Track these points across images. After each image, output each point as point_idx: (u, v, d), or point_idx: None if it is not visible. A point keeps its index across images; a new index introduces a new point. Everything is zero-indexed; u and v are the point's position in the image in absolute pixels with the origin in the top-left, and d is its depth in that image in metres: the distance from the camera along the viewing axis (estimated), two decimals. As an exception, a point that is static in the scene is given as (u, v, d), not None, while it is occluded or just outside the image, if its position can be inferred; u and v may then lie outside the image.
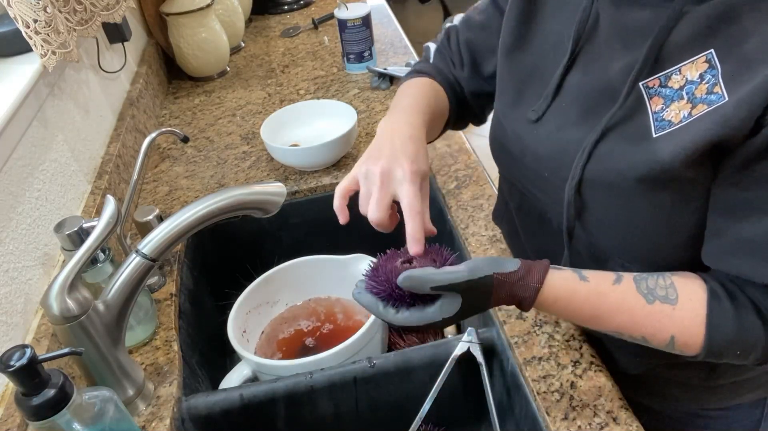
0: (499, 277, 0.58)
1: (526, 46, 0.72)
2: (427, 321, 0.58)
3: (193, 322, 0.97)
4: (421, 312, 0.58)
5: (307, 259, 1.05)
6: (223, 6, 1.63)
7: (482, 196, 1.03)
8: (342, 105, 1.22)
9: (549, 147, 0.67)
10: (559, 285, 0.60)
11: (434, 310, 0.58)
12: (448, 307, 0.58)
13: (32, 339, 0.78)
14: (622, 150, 0.59)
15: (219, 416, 0.80)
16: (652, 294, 0.59)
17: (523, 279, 0.58)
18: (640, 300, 0.59)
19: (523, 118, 0.71)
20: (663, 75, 0.57)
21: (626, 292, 0.59)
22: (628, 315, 0.59)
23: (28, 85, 0.87)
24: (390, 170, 0.65)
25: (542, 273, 0.59)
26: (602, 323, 0.61)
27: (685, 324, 0.58)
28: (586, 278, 0.60)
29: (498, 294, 0.58)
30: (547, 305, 0.60)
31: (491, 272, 0.58)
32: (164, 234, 0.70)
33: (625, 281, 0.60)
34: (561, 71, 0.66)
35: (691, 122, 0.54)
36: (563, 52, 0.66)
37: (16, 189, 0.83)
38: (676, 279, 0.60)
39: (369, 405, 0.85)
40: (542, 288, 0.59)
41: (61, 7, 0.95)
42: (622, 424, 0.68)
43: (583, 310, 0.60)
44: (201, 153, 1.27)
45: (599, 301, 0.60)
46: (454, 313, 0.58)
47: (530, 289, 0.58)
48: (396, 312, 0.59)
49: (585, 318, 0.61)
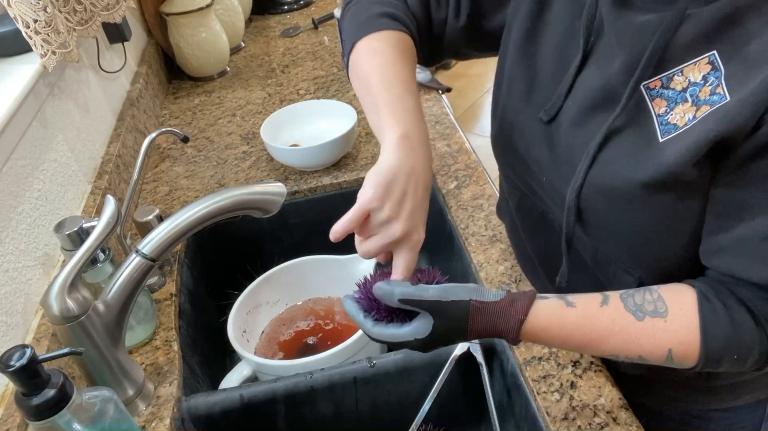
0: (477, 305, 0.57)
1: (538, 39, 0.70)
2: (399, 339, 0.58)
3: (193, 322, 0.97)
4: (395, 330, 0.58)
5: (307, 259, 1.05)
6: (223, 6, 1.63)
7: (482, 196, 1.03)
8: (342, 105, 1.22)
9: (556, 149, 0.67)
10: (544, 315, 0.58)
11: (408, 330, 0.58)
12: (421, 328, 0.57)
13: (32, 339, 0.78)
14: (627, 155, 0.58)
15: (219, 416, 0.80)
16: (640, 310, 0.58)
17: (505, 310, 0.57)
18: (630, 319, 0.57)
19: (532, 116, 0.69)
20: (665, 76, 0.56)
21: (615, 313, 0.58)
22: (621, 336, 0.58)
23: (28, 85, 0.87)
24: (409, 234, 0.60)
25: (527, 305, 0.57)
26: (596, 347, 0.59)
27: (680, 335, 0.57)
28: (573, 303, 0.59)
29: (476, 324, 0.57)
30: (536, 336, 0.59)
31: (467, 298, 0.57)
32: (164, 235, 0.70)
33: (612, 301, 0.59)
34: (574, 70, 0.64)
35: (695, 124, 0.54)
36: (575, 47, 0.64)
37: (16, 189, 0.83)
38: (663, 292, 0.59)
39: (369, 405, 0.85)
40: (527, 319, 0.57)
41: (61, 7, 0.95)
42: (622, 424, 0.68)
43: (574, 337, 0.59)
44: (201, 153, 1.27)
45: (590, 325, 0.58)
46: (426, 335, 0.57)
47: (512, 321, 0.57)
48: (373, 325, 0.60)
49: (578, 345, 0.60)
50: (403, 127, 0.61)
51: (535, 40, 0.70)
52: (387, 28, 0.70)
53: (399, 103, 0.63)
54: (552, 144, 0.67)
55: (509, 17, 0.73)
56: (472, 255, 0.93)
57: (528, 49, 0.71)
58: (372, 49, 0.69)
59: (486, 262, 0.91)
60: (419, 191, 0.60)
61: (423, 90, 1.38)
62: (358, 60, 0.71)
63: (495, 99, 0.77)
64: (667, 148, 0.55)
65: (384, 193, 0.59)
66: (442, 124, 1.25)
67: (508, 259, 0.91)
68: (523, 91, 0.71)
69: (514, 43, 0.72)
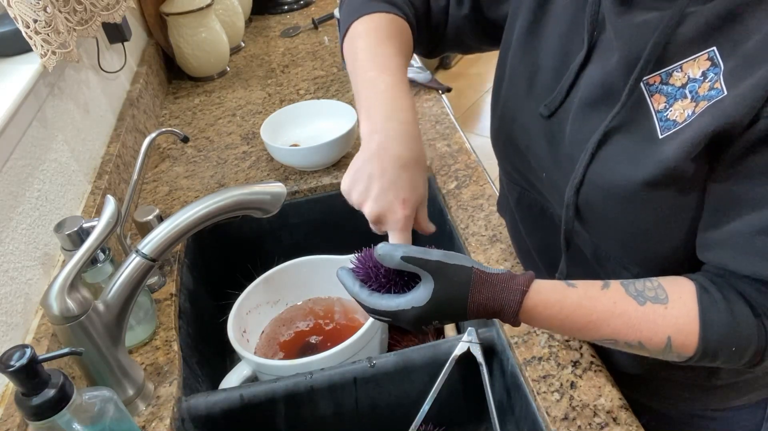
0: (479, 273, 0.56)
1: (540, 32, 0.69)
2: (396, 308, 0.57)
3: (193, 322, 0.97)
4: (391, 299, 0.57)
5: (307, 259, 1.05)
6: (223, 6, 1.63)
7: (482, 196, 1.03)
8: (342, 105, 1.22)
9: (555, 144, 0.67)
10: (545, 291, 0.58)
11: (406, 298, 0.57)
12: (420, 296, 0.56)
13: (32, 339, 0.78)
14: (627, 152, 0.58)
15: (219, 416, 0.80)
16: (642, 295, 0.58)
17: (507, 282, 0.57)
18: (632, 302, 0.58)
19: (533, 111, 0.69)
20: (664, 72, 0.57)
21: (616, 295, 0.58)
22: (622, 319, 0.57)
23: (28, 85, 0.87)
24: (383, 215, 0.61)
25: (528, 279, 0.57)
26: (596, 329, 0.59)
27: (679, 322, 0.57)
28: (574, 285, 0.59)
29: (476, 295, 0.56)
30: (537, 313, 0.58)
31: (470, 265, 0.56)
32: (164, 235, 0.70)
33: (613, 285, 0.59)
34: (577, 65, 0.64)
35: (693, 119, 0.54)
36: (579, 42, 0.64)
37: (16, 189, 0.83)
38: (663, 281, 0.59)
39: (369, 405, 0.85)
40: (528, 292, 0.57)
41: (61, 7, 0.95)
42: (622, 424, 0.68)
43: (574, 318, 0.58)
44: (201, 153, 1.27)
45: (591, 305, 0.58)
46: (424, 302, 0.55)
47: (514, 292, 0.56)
48: (369, 294, 0.58)
49: (578, 325, 0.59)
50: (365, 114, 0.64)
51: (537, 33, 0.70)
52: (377, 11, 0.72)
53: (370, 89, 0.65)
54: (551, 139, 0.67)
55: (512, 8, 0.73)
56: (472, 255, 0.93)
57: (530, 41, 0.70)
58: (357, 32, 0.71)
59: (486, 262, 0.91)
60: (389, 170, 0.61)
61: (423, 90, 1.38)
62: (346, 43, 0.73)
63: (495, 93, 0.77)
64: (667, 145, 0.55)
65: (351, 182, 0.63)
66: (442, 124, 1.25)
67: (508, 259, 0.91)
68: (524, 84, 0.71)
69: (516, 36, 0.72)
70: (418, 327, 0.58)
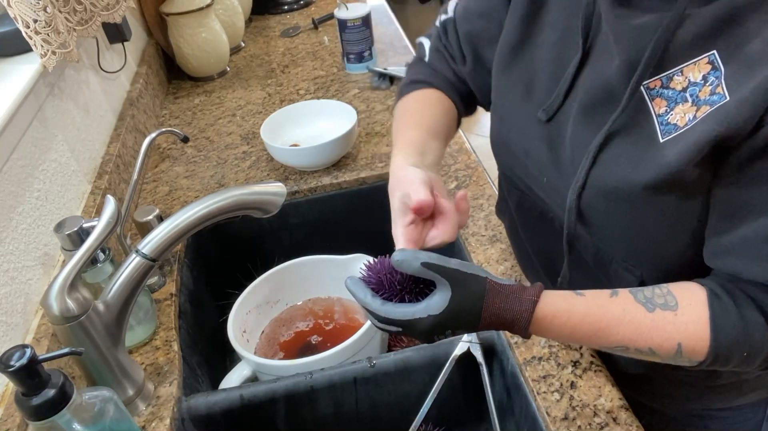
0: (494, 284, 0.56)
1: (534, 39, 0.70)
2: (411, 316, 0.56)
3: (193, 322, 0.97)
4: (407, 308, 0.56)
5: (307, 259, 1.05)
6: (223, 6, 1.63)
7: (482, 196, 1.03)
8: (342, 105, 1.22)
9: (555, 148, 0.67)
10: (554, 301, 0.58)
11: (421, 307, 0.56)
12: (436, 303, 0.55)
13: (32, 339, 0.78)
14: (628, 155, 0.58)
15: (219, 416, 0.80)
16: (650, 302, 0.58)
17: (518, 293, 0.57)
18: (641, 310, 0.57)
19: (530, 116, 0.69)
20: (665, 76, 0.56)
21: (625, 302, 0.58)
22: (632, 326, 0.57)
23: (28, 85, 0.87)
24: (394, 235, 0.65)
25: (538, 290, 0.58)
26: (606, 337, 0.59)
27: (689, 329, 0.57)
28: (582, 293, 0.59)
29: (491, 306, 0.56)
30: (546, 322, 0.58)
31: (485, 275, 0.57)
32: (164, 235, 0.70)
33: (622, 293, 0.59)
34: (574, 69, 0.64)
35: (695, 124, 0.54)
36: (574, 46, 0.64)
37: (16, 189, 0.83)
38: (672, 287, 0.59)
39: (369, 405, 0.85)
40: (539, 302, 0.57)
41: (61, 7, 0.95)
42: (622, 424, 0.68)
43: (584, 326, 0.58)
44: (201, 153, 1.27)
45: (600, 313, 0.58)
46: (440, 310, 0.55)
47: (526, 302, 0.56)
48: (382, 303, 0.57)
49: (588, 333, 0.59)
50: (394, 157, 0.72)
51: (531, 41, 0.70)
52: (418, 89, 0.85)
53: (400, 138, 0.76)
54: (551, 143, 0.67)
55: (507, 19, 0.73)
56: (472, 256, 0.93)
57: (525, 50, 0.71)
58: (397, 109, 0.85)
59: (486, 262, 0.91)
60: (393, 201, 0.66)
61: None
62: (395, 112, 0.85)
63: (494, 102, 0.77)
64: (668, 149, 0.55)
65: None
66: (442, 124, 1.25)
67: (508, 259, 0.91)
68: (522, 90, 0.71)
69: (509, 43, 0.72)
70: (431, 338, 0.58)
